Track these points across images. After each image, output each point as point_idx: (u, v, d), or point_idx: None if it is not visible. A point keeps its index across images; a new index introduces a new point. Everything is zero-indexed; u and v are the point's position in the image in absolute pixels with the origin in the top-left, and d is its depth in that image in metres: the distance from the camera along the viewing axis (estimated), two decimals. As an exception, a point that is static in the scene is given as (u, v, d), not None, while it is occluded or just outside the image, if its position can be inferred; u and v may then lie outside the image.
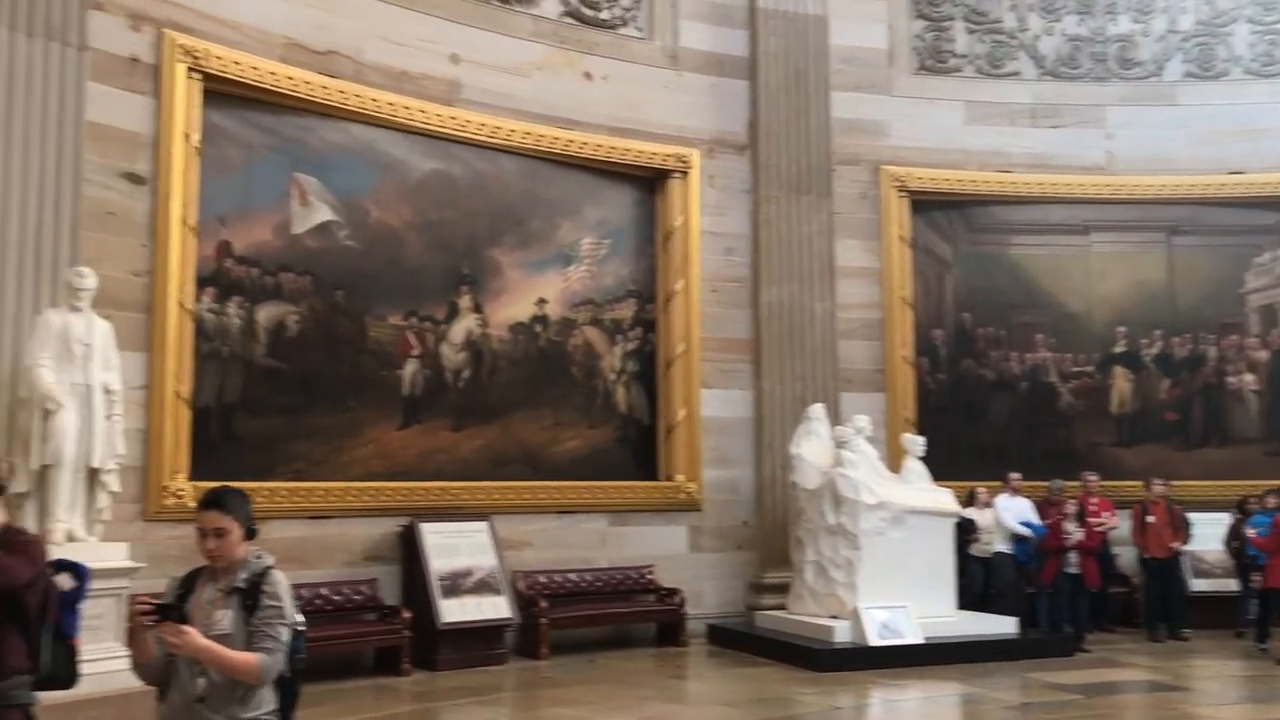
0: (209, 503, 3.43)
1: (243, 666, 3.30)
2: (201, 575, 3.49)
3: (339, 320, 9.77)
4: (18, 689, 3.73)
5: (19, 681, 3.74)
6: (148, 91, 8.48)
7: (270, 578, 3.43)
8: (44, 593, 3.78)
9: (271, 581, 3.42)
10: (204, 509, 3.43)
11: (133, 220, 8.35)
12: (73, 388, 6.85)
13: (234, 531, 3.40)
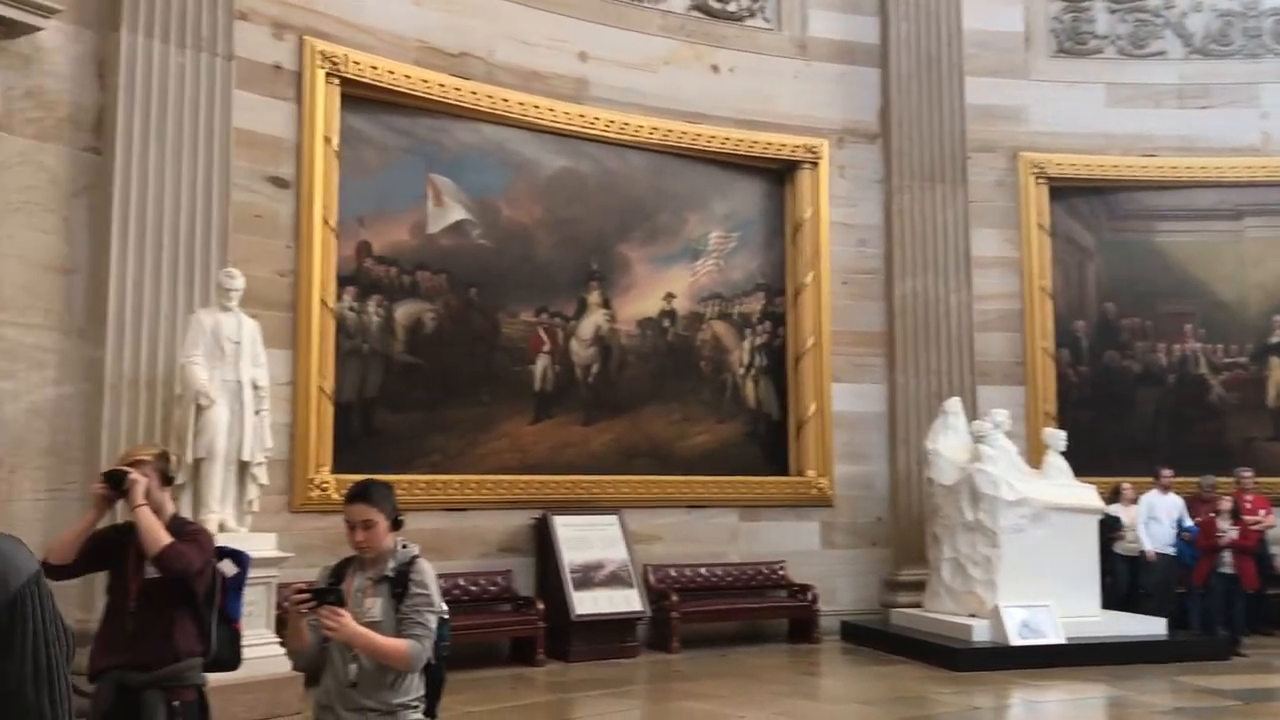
0: (356, 495, 3.53)
1: (393, 652, 3.39)
2: (351, 565, 3.60)
3: (473, 317, 9.96)
4: (190, 670, 3.89)
5: (192, 663, 3.89)
6: (290, 97, 8.78)
7: (417, 567, 3.52)
8: (211, 579, 3.94)
9: (419, 570, 3.51)
10: (351, 502, 3.53)
11: (278, 223, 8.66)
12: (224, 384, 7.15)
13: (381, 523, 3.49)
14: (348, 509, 3.52)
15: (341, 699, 3.43)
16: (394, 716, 3.45)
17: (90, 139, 7.51)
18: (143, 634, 3.82)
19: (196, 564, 3.86)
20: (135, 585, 3.87)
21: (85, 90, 7.52)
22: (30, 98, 7.26)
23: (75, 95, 7.47)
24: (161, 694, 3.78)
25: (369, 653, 3.38)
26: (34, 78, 7.27)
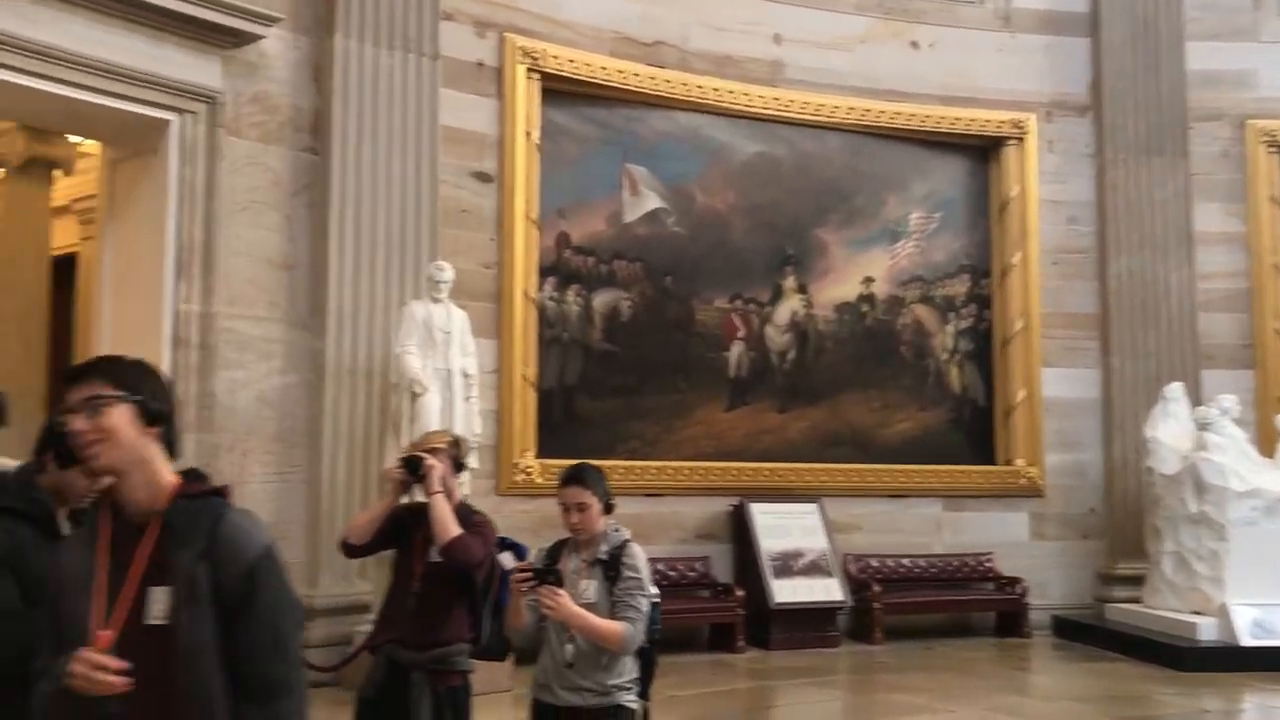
0: (571, 478, 3.60)
1: (608, 634, 3.44)
2: (565, 547, 3.67)
3: (668, 304, 10.01)
4: (458, 655, 4.00)
5: (460, 649, 4.00)
6: (492, 94, 9.02)
7: (629, 550, 3.58)
8: (490, 570, 4.03)
9: (631, 554, 3.57)
10: (566, 485, 3.60)
11: (482, 216, 8.92)
12: (435, 372, 7.43)
13: (594, 505, 3.56)
14: (562, 491, 3.59)
15: (558, 678, 3.50)
16: (609, 697, 3.51)
17: (309, 140, 7.93)
18: (420, 615, 3.94)
19: (479, 556, 3.96)
20: (420, 567, 4.00)
21: (303, 94, 7.94)
22: (255, 103, 7.71)
23: (295, 99, 7.90)
24: (428, 676, 3.90)
25: (584, 633, 3.44)
26: (258, 84, 7.72)
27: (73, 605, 2.16)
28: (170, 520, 2.18)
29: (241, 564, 2.17)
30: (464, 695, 4.03)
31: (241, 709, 2.14)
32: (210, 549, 2.15)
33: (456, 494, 4.18)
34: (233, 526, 2.20)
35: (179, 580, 2.12)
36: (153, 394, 2.23)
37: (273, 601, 2.19)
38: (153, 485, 2.21)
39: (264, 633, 2.17)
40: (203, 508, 2.21)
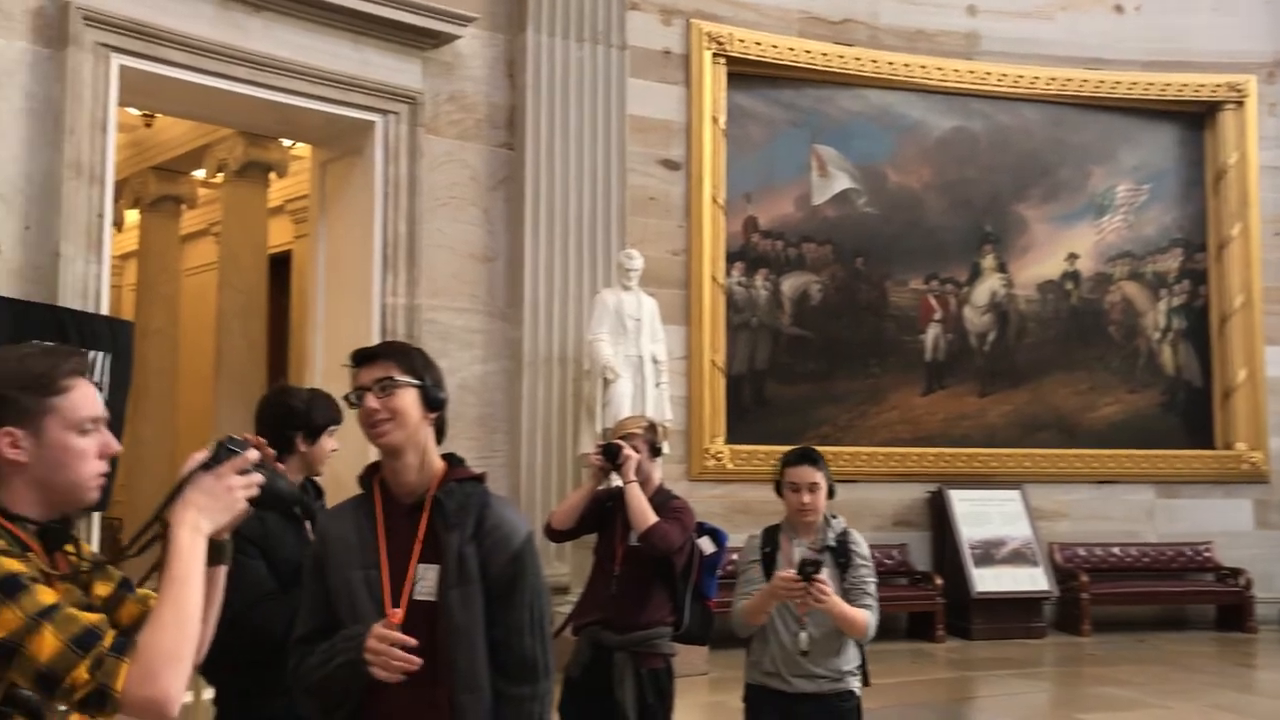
0: (803, 458, 3.59)
1: (857, 622, 3.44)
2: (780, 533, 3.66)
3: (859, 287, 9.84)
4: (660, 639, 4.04)
5: (661, 632, 4.04)
6: (679, 81, 9.05)
7: (854, 537, 3.58)
8: (690, 555, 4.06)
9: (856, 540, 3.57)
10: (797, 464, 3.58)
11: (670, 203, 8.97)
12: (626, 359, 7.53)
13: (823, 487, 3.55)
14: (794, 471, 3.57)
15: (790, 666, 3.51)
16: (841, 682, 3.54)
17: (504, 135, 8.15)
18: (622, 598, 4.00)
19: (678, 542, 3.97)
20: (620, 550, 4.05)
21: (498, 90, 8.17)
22: (453, 101, 7.98)
23: (490, 95, 8.13)
24: (631, 658, 3.95)
25: (840, 621, 3.42)
26: (455, 83, 7.98)
27: (340, 577, 2.30)
28: (441, 502, 2.30)
29: (509, 549, 2.28)
30: (666, 678, 4.06)
31: (500, 686, 2.24)
32: (478, 533, 2.28)
33: (655, 479, 4.22)
34: (499, 513, 2.32)
35: (449, 560, 2.25)
36: (435, 382, 2.36)
37: (533, 585, 2.30)
38: (425, 467, 2.34)
39: (524, 615, 2.28)
40: (470, 492, 2.33)
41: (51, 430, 1.72)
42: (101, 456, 1.77)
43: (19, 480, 1.72)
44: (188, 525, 1.70)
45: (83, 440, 1.75)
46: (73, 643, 1.58)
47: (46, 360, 1.74)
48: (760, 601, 3.48)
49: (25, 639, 1.58)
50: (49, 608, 1.60)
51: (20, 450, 1.71)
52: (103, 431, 1.78)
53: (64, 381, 1.74)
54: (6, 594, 1.59)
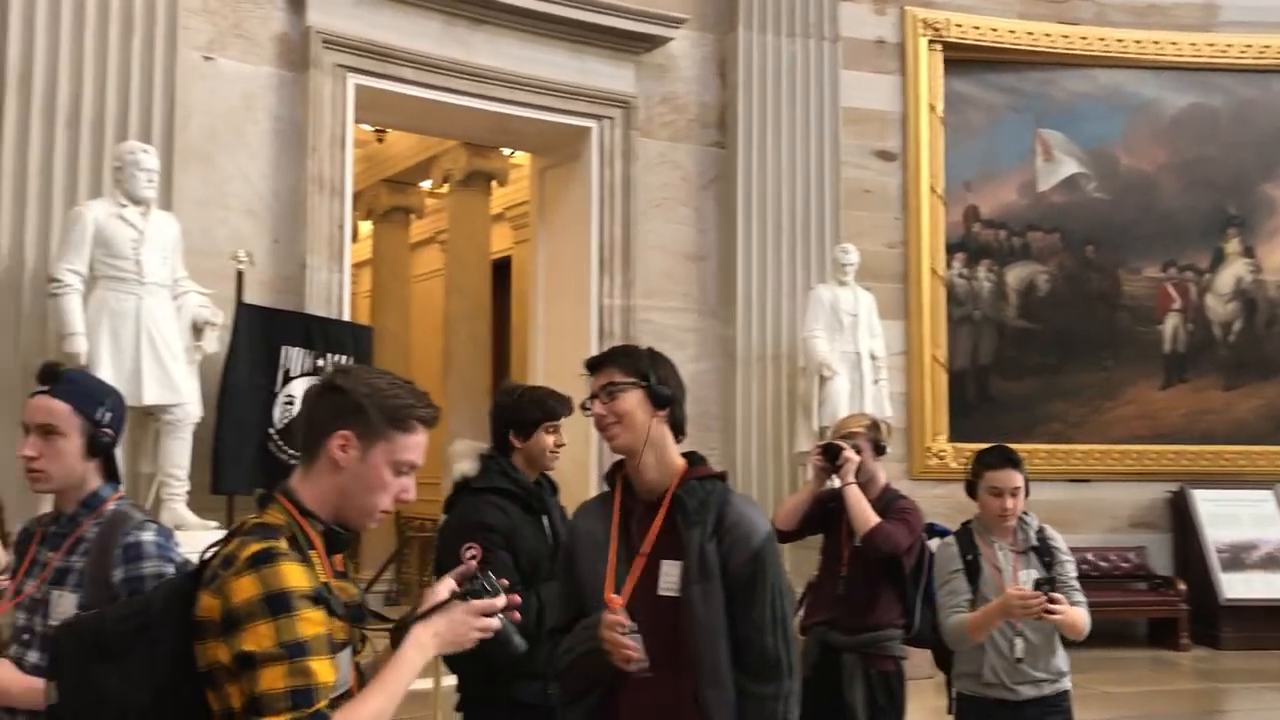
0: (1008, 461, 3.50)
1: (1078, 623, 3.37)
2: (974, 536, 3.55)
3: (1090, 276, 9.37)
4: (889, 641, 3.97)
5: (891, 634, 3.97)
6: (893, 70, 8.86)
7: (1049, 533, 3.52)
8: (920, 555, 3.98)
9: (1054, 537, 3.52)
10: (1001, 468, 3.49)
11: (886, 195, 8.79)
12: (843, 355, 7.43)
13: (1023, 490, 3.45)
14: (998, 475, 3.47)
15: (1012, 674, 3.42)
16: (1058, 683, 3.46)
17: (715, 135, 8.18)
18: (849, 598, 3.97)
19: (903, 544, 3.90)
20: (846, 551, 4.01)
21: (709, 90, 8.21)
22: (665, 103, 8.08)
23: (700, 96, 8.19)
24: (860, 659, 3.91)
25: (1065, 627, 3.33)
26: (667, 85, 8.07)
27: (589, 570, 2.39)
28: (681, 500, 2.35)
29: (750, 547, 2.31)
30: (898, 681, 3.98)
31: (744, 684, 2.27)
32: (719, 530, 2.32)
33: (880, 478, 4.14)
34: (739, 511, 2.36)
35: (690, 556, 2.30)
36: (661, 379, 2.40)
37: (774, 583, 2.32)
38: (663, 465, 2.39)
39: (766, 613, 2.30)
40: (711, 490, 2.38)
41: (377, 455, 1.83)
42: (395, 499, 1.88)
43: (327, 481, 1.83)
44: (418, 644, 1.80)
45: (393, 478, 1.85)
46: (292, 692, 1.66)
47: (409, 399, 1.87)
48: (988, 618, 3.38)
49: (262, 663, 1.66)
50: (298, 644, 1.67)
51: (346, 455, 1.82)
52: (408, 480, 1.88)
53: (411, 423, 1.86)
54: (272, 611, 1.68)
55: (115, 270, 5.24)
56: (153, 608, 1.76)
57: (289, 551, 1.74)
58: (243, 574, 1.69)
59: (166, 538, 2.42)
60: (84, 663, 1.73)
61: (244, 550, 1.72)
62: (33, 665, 2.33)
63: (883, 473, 4.18)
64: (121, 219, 5.30)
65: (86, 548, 2.37)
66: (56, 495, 2.45)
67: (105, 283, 5.24)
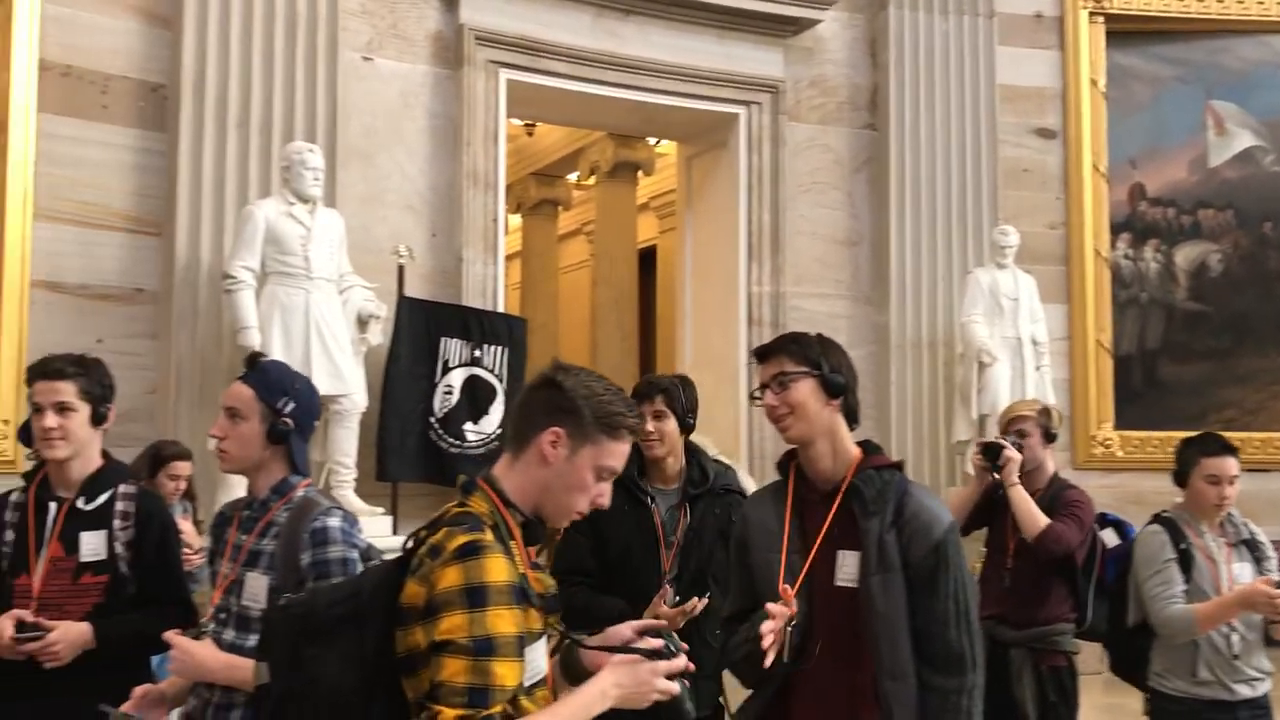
0: (1226, 449, 3.41)
1: None
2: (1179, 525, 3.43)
3: (1268, 255, 8.86)
4: (1060, 636, 3.87)
5: (1062, 629, 3.87)
6: (1052, 45, 8.53)
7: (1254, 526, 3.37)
8: (1091, 549, 3.87)
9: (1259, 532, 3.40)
10: (1220, 455, 3.39)
11: (1045, 174, 8.48)
12: (1004, 341, 7.20)
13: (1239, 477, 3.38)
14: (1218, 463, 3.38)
15: (1229, 672, 3.31)
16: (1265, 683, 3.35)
17: (866, 117, 8.03)
18: (1016, 592, 3.87)
19: (1075, 542, 3.79)
20: (1011, 543, 3.91)
21: (859, 71, 8.06)
22: (813, 86, 7.96)
23: (851, 77, 8.04)
24: (1029, 654, 3.81)
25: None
26: (816, 67, 7.95)
27: (761, 560, 2.37)
28: (858, 489, 2.30)
29: (930, 538, 2.26)
30: (1069, 677, 3.85)
31: (926, 677, 2.23)
32: (898, 521, 2.27)
33: (1049, 467, 4.00)
34: (919, 501, 2.31)
35: (869, 547, 2.26)
36: (833, 368, 2.36)
37: (957, 575, 2.27)
38: (838, 454, 2.35)
39: (949, 606, 2.25)
40: (889, 479, 2.33)
41: (584, 457, 1.87)
42: (592, 502, 1.91)
43: (532, 474, 1.87)
44: (600, 691, 1.79)
45: (594, 481, 1.89)
46: (470, 689, 1.67)
47: (621, 407, 1.90)
48: (1224, 610, 3.25)
49: (450, 652, 1.69)
50: (488, 640, 1.69)
51: (554, 452, 1.86)
52: (606, 486, 1.92)
53: (620, 431, 1.89)
54: (470, 603, 1.71)
55: (285, 266, 5.45)
56: (362, 593, 1.81)
57: (494, 544, 1.77)
58: (449, 564, 1.73)
59: (351, 524, 2.50)
60: (295, 644, 1.78)
61: (451, 541, 1.76)
62: (229, 643, 2.44)
63: (1051, 461, 4.04)
64: (290, 217, 5.51)
65: (277, 531, 2.46)
66: (249, 481, 2.55)
67: (276, 278, 5.46)
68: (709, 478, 3.23)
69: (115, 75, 5.92)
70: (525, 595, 1.78)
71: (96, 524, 2.82)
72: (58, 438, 2.80)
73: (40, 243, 5.60)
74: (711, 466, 3.28)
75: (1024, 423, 3.98)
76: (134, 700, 2.47)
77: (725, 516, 3.15)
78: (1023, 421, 3.99)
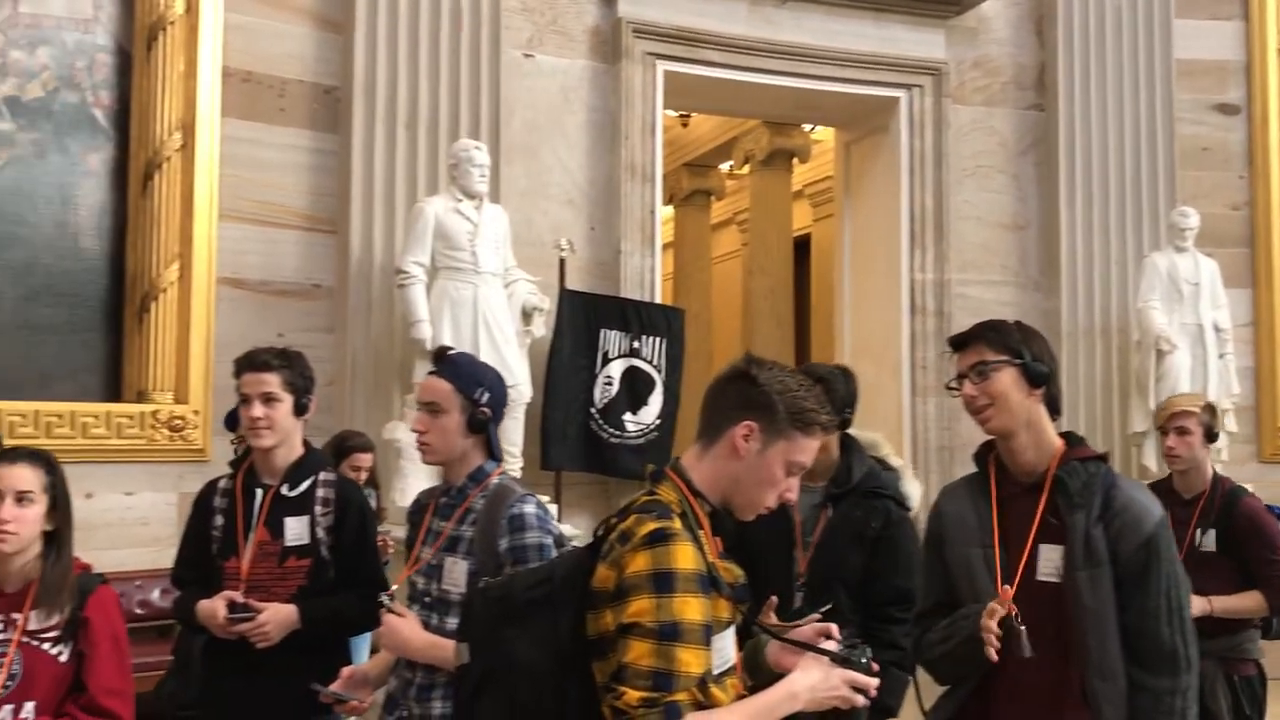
0: None
1: None
2: None
3: None
4: (1250, 642, 3.75)
5: (1250, 634, 3.75)
6: (1234, 15, 8.07)
7: None
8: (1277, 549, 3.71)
9: None
10: None
11: (1228, 153, 8.03)
12: (1183, 328, 6.87)
13: None
14: None
15: None
16: None
17: (1032, 97, 7.76)
18: None
19: None
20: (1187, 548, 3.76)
21: (1024, 50, 7.79)
22: (977, 67, 7.73)
23: (1016, 56, 7.78)
24: (1219, 665, 3.66)
25: None
26: (980, 48, 7.73)
27: (958, 555, 2.32)
28: (1063, 481, 2.23)
29: (1141, 533, 2.18)
30: (1261, 685, 3.68)
31: (1137, 676, 2.15)
32: (1105, 514, 2.19)
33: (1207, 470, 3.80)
34: (1128, 494, 2.23)
35: (1075, 541, 2.19)
36: (1035, 356, 2.29)
37: (1169, 570, 2.19)
38: (1040, 446, 2.28)
39: (1160, 603, 2.17)
40: (1095, 471, 2.25)
41: (776, 451, 1.87)
42: (779, 496, 1.91)
43: (722, 466, 1.88)
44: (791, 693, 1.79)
45: (783, 476, 1.89)
46: (655, 673, 1.69)
47: (814, 404, 1.90)
48: None
49: (635, 635, 1.71)
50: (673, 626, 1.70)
51: (746, 446, 1.87)
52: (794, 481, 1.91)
53: (813, 428, 1.89)
54: (657, 588, 1.72)
55: (453, 261, 5.59)
56: (555, 578, 1.85)
57: (682, 532, 1.78)
58: (638, 550, 1.75)
59: (545, 511, 2.56)
60: (494, 626, 1.84)
61: (641, 527, 1.78)
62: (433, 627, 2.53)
63: (1210, 462, 3.84)
64: (458, 213, 5.65)
65: (474, 518, 2.54)
66: (445, 469, 2.63)
67: (445, 273, 5.60)
68: (853, 477, 3.10)
69: (291, 79, 6.17)
70: (714, 584, 1.78)
71: (299, 510, 2.95)
72: (264, 427, 2.93)
73: (225, 241, 5.89)
74: (861, 466, 3.13)
75: (1186, 419, 3.78)
76: (342, 680, 2.60)
77: (864, 520, 3.02)
78: (1185, 418, 3.78)
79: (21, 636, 2.51)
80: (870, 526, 2.99)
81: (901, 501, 3.13)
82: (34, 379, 5.52)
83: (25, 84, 5.61)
